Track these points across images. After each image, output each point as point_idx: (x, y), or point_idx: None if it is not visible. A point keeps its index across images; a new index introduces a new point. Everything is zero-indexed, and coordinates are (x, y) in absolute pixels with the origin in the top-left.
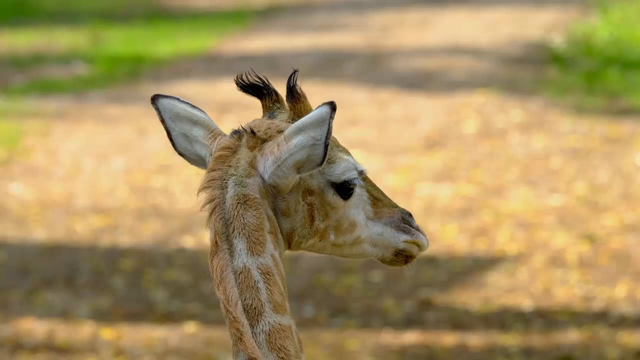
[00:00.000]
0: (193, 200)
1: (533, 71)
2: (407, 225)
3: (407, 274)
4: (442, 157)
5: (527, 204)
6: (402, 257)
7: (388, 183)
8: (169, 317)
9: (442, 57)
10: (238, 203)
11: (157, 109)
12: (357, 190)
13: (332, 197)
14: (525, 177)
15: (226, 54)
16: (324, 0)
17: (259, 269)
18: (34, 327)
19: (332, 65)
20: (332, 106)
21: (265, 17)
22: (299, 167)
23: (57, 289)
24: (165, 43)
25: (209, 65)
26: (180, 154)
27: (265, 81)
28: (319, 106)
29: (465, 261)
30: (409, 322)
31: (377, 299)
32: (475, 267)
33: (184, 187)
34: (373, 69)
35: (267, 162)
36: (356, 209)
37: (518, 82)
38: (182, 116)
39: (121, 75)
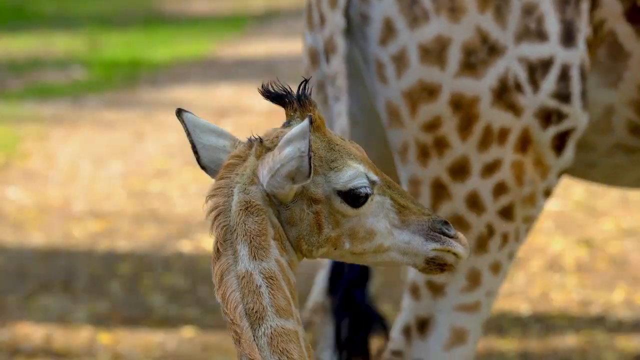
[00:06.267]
0: (190, 205)
1: None
2: (437, 234)
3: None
4: None
5: None
6: (435, 265)
7: None
8: (167, 322)
9: None
10: (240, 210)
11: (184, 122)
12: (377, 198)
13: (340, 205)
14: None
15: (224, 59)
16: None
17: (262, 273)
18: (32, 332)
19: None
20: (310, 119)
21: (262, 22)
22: (292, 178)
23: (54, 293)
24: (163, 48)
25: (207, 70)
26: (203, 167)
27: (289, 91)
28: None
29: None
30: None
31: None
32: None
33: (182, 192)
34: None
35: (264, 172)
36: (375, 217)
37: None
38: (206, 128)
39: (119, 80)
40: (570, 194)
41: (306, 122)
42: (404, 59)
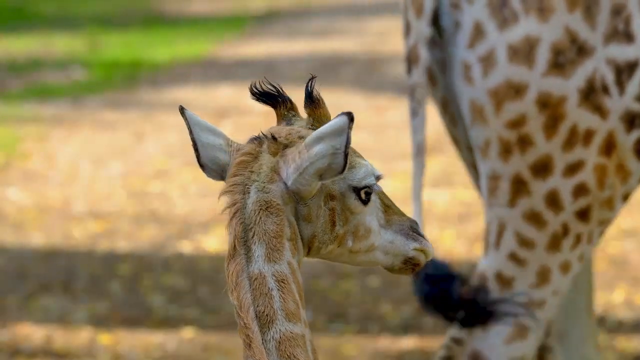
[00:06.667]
0: (190, 205)
1: None
2: (415, 234)
3: (405, 279)
4: (440, 163)
5: None
6: (410, 265)
7: (386, 189)
8: (167, 323)
9: None
10: (260, 209)
11: (186, 119)
12: (372, 197)
13: (353, 201)
14: None
15: (224, 59)
16: (322, 6)
17: (274, 276)
18: (32, 332)
19: (329, 70)
20: (350, 117)
21: (263, 22)
22: (320, 175)
23: (54, 294)
24: (163, 48)
25: (207, 71)
26: (202, 165)
27: (280, 90)
28: (337, 115)
29: (463, 266)
30: (406, 328)
31: (375, 305)
32: (473, 272)
33: (182, 192)
34: (371, 74)
35: (290, 169)
36: (371, 215)
37: None
38: (204, 127)
39: (119, 81)
40: None
41: (345, 118)
42: (492, 59)
